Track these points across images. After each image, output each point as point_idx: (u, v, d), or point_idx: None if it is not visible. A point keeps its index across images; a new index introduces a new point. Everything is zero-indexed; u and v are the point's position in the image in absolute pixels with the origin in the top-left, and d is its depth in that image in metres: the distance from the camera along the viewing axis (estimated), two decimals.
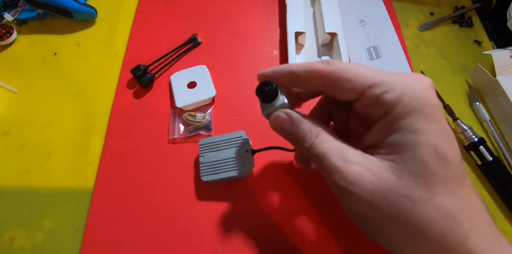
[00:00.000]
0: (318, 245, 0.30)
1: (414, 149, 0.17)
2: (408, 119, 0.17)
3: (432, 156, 0.17)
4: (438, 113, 0.18)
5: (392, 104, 0.18)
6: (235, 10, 0.44)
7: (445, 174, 0.17)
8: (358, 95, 0.19)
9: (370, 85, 0.18)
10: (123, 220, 0.31)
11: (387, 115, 0.18)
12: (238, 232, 0.31)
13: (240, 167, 0.30)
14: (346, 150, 0.19)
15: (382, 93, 0.18)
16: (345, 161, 0.18)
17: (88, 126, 0.36)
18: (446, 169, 0.17)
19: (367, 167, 0.18)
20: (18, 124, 0.37)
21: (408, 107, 0.17)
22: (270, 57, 0.41)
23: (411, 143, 0.17)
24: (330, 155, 0.19)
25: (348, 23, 0.43)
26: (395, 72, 0.19)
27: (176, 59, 0.40)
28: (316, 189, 0.33)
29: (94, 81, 0.39)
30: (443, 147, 0.17)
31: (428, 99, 0.18)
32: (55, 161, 0.34)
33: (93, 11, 0.42)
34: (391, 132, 0.18)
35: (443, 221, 0.16)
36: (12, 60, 0.41)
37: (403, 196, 0.16)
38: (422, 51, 0.42)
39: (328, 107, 0.26)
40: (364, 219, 0.19)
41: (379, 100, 0.18)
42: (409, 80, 0.18)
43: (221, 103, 0.37)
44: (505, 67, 0.37)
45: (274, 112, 0.23)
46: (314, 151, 0.20)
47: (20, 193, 0.33)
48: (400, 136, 0.17)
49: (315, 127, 0.21)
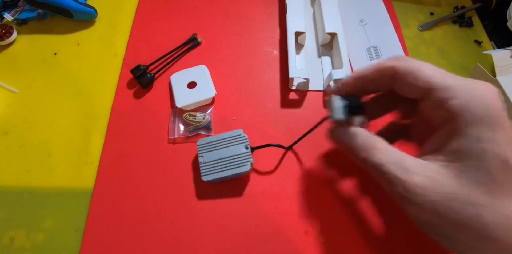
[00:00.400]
0: (319, 244, 0.30)
1: (480, 158, 0.17)
2: (475, 128, 0.17)
3: (499, 166, 0.17)
4: (505, 122, 0.18)
5: (458, 111, 0.18)
6: (235, 10, 0.44)
7: (511, 183, 0.17)
8: (423, 94, 0.19)
9: (437, 88, 0.19)
10: (123, 220, 0.31)
11: (452, 122, 0.18)
12: (239, 231, 0.31)
13: (240, 164, 0.31)
14: (405, 159, 0.19)
15: (449, 99, 0.18)
16: (406, 171, 0.18)
17: (88, 126, 0.36)
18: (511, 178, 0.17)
19: (430, 176, 0.18)
20: (18, 124, 0.37)
21: (475, 115, 0.17)
22: (270, 57, 0.41)
23: (477, 152, 0.17)
24: (390, 166, 0.19)
25: (348, 23, 0.43)
26: (463, 78, 0.19)
27: (176, 59, 0.40)
28: (316, 186, 0.33)
29: (94, 81, 0.39)
30: (510, 157, 0.17)
31: (496, 108, 0.18)
32: (55, 161, 0.34)
33: (93, 11, 0.42)
34: (455, 139, 0.18)
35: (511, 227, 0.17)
36: (12, 60, 0.41)
37: (469, 204, 0.17)
38: (422, 51, 0.42)
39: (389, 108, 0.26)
40: (429, 226, 0.20)
41: (444, 104, 0.18)
42: (477, 87, 0.18)
43: (221, 103, 0.37)
44: (505, 67, 0.37)
45: (346, 129, 0.23)
46: (371, 162, 0.20)
47: (20, 193, 0.33)
48: (466, 144, 0.18)
49: (371, 137, 0.21)
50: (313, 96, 0.38)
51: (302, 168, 0.34)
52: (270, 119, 0.37)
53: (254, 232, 0.31)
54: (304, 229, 0.31)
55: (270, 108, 0.37)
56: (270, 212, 0.32)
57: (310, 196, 0.33)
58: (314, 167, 0.34)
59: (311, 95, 0.38)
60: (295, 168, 0.34)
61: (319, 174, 0.34)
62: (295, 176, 0.34)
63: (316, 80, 0.39)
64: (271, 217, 0.31)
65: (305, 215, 0.32)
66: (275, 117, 0.37)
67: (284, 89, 0.39)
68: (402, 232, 0.31)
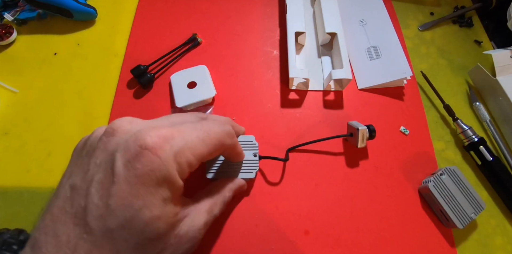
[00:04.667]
0: (319, 244, 0.30)
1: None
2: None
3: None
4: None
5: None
6: (235, 10, 0.44)
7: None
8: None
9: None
10: None
11: None
12: (239, 231, 0.31)
13: (246, 170, 0.31)
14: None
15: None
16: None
17: (88, 126, 0.36)
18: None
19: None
20: (18, 124, 0.37)
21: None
22: (270, 57, 0.41)
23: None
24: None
25: (348, 23, 0.43)
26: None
27: (176, 59, 0.40)
28: (317, 186, 0.33)
29: (94, 81, 0.39)
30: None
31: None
32: (55, 161, 0.34)
33: (93, 11, 0.42)
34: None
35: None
36: (12, 60, 0.41)
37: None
38: (422, 51, 0.42)
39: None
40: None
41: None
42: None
43: (221, 103, 0.37)
44: (505, 67, 0.37)
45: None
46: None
47: (20, 193, 0.33)
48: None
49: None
50: (313, 96, 0.38)
51: (303, 169, 0.34)
52: (270, 119, 0.37)
53: (254, 232, 0.31)
54: (304, 229, 0.31)
55: (270, 108, 0.37)
56: (270, 212, 0.32)
57: (310, 196, 0.33)
58: (315, 168, 0.34)
59: (311, 95, 0.38)
60: (296, 169, 0.34)
61: (320, 175, 0.34)
62: (296, 176, 0.34)
63: (316, 80, 0.39)
64: (271, 217, 0.31)
65: (305, 215, 0.32)
66: (275, 117, 0.37)
67: (284, 89, 0.39)
68: (402, 232, 0.31)
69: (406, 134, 0.36)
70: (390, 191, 0.33)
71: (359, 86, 0.39)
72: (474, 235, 0.32)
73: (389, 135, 0.36)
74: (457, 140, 0.37)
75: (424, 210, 0.32)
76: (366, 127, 0.32)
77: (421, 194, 0.33)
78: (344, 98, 0.38)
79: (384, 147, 0.35)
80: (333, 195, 0.33)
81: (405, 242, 0.31)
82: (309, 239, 0.31)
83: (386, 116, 0.37)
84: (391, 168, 0.34)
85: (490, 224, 0.33)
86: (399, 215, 0.32)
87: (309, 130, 0.36)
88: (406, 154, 0.35)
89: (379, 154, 0.35)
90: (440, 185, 0.31)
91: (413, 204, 0.33)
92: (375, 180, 0.34)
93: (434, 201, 0.31)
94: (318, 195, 0.33)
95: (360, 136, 0.32)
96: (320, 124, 0.36)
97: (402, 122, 0.37)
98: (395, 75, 0.37)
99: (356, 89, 0.39)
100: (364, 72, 0.40)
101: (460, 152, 0.36)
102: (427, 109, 0.38)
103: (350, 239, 0.31)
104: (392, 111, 0.38)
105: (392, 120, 0.37)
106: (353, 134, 0.33)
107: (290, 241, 0.30)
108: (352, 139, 0.34)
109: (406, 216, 0.32)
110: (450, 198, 0.30)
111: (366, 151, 0.35)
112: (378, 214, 0.32)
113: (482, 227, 0.32)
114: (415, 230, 0.31)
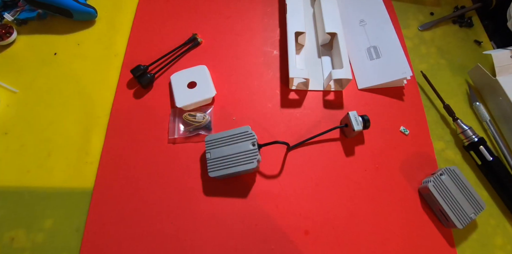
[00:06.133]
0: (319, 244, 0.30)
1: None
2: None
3: None
4: None
5: None
6: (235, 10, 0.44)
7: None
8: None
9: None
10: (123, 220, 0.31)
11: None
12: (239, 231, 0.31)
13: (247, 161, 0.30)
14: None
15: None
16: None
17: (88, 126, 0.36)
18: None
19: None
20: (18, 124, 0.37)
21: None
22: (270, 57, 0.41)
23: None
24: None
25: (348, 23, 0.43)
26: None
27: (176, 59, 0.40)
28: (317, 187, 0.33)
29: (94, 81, 0.39)
30: None
31: None
32: (55, 161, 0.34)
33: (93, 11, 0.42)
34: None
35: None
36: (12, 60, 0.41)
37: None
38: (422, 51, 0.42)
39: None
40: None
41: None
42: None
43: (221, 103, 0.37)
44: (505, 67, 0.37)
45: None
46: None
47: (20, 193, 0.33)
48: None
49: None
50: (313, 96, 0.38)
51: (303, 169, 0.34)
52: (270, 119, 0.37)
53: (254, 232, 0.31)
54: (304, 229, 0.31)
55: (270, 108, 0.37)
56: (270, 212, 0.32)
57: (310, 196, 0.33)
58: (315, 168, 0.34)
59: (311, 95, 0.38)
60: (297, 169, 0.34)
61: (320, 175, 0.34)
62: (296, 176, 0.34)
63: (316, 80, 0.39)
64: (271, 217, 0.31)
65: (305, 215, 0.32)
66: (275, 117, 0.37)
67: (284, 89, 0.39)
68: (401, 232, 0.31)
69: (406, 134, 0.36)
70: (390, 191, 0.33)
71: (359, 86, 0.39)
72: (474, 235, 0.32)
73: (389, 135, 0.36)
74: (457, 140, 0.37)
75: (424, 210, 0.32)
76: (355, 112, 0.34)
77: (421, 194, 0.33)
78: (344, 98, 0.38)
79: (384, 147, 0.35)
80: (333, 195, 0.33)
81: (405, 242, 0.31)
82: (309, 239, 0.31)
83: (386, 116, 0.37)
84: (391, 168, 0.34)
85: (490, 224, 0.33)
86: (399, 215, 0.32)
87: (309, 130, 0.36)
88: (406, 154, 0.35)
89: (379, 154, 0.35)
90: (440, 185, 0.31)
91: (413, 204, 0.33)
92: (375, 180, 0.34)
93: (434, 201, 0.31)
94: (318, 195, 0.33)
95: (352, 119, 0.33)
96: (320, 124, 0.36)
97: (402, 122, 0.37)
98: (395, 75, 0.37)
99: (356, 89, 0.39)
100: (364, 72, 0.40)
101: (460, 152, 0.36)
102: (427, 109, 0.38)
103: (350, 239, 0.31)
104: (392, 111, 0.38)
105: (392, 120, 0.37)
106: (347, 125, 0.34)
107: (290, 241, 0.30)
108: (348, 130, 0.34)
109: (406, 216, 0.32)
110: (450, 198, 0.30)
111: (366, 151, 0.35)
112: (378, 214, 0.32)
113: (482, 227, 0.32)
114: (415, 230, 0.31)
